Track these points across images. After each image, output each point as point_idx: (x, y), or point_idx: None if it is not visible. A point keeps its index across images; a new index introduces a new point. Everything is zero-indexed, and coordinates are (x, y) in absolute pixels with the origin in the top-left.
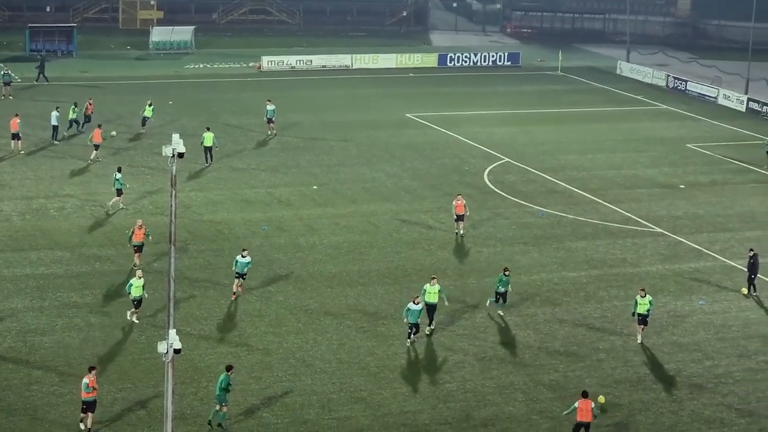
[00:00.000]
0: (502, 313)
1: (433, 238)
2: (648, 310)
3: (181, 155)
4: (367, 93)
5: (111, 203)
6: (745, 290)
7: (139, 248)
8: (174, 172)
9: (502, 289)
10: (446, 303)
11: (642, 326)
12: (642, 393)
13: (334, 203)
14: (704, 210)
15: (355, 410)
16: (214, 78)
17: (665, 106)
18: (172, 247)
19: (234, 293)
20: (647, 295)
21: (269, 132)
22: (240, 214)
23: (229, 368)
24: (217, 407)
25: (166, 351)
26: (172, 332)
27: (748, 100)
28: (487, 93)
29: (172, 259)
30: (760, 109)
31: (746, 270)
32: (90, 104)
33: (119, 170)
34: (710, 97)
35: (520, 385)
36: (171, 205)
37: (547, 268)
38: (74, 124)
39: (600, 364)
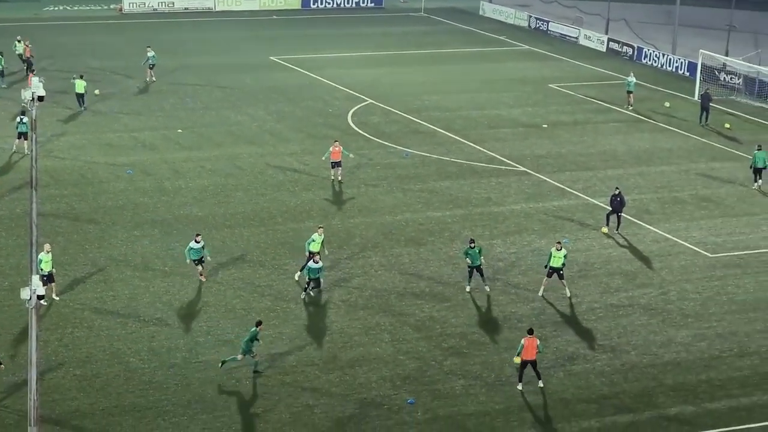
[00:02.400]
0: (488, 289)
1: (298, 180)
2: (563, 264)
3: (41, 99)
4: (231, 36)
5: (15, 146)
6: (605, 229)
7: None
8: (34, 117)
9: (470, 262)
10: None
11: (562, 281)
12: (507, 332)
13: (199, 147)
14: (567, 149)
15: (222, 353)
16: (75, 21)
17: (527, 47)
18: (34, 192)
19: (201, 278)
20: (563, 249)
21: (148, 78)
22: (103, 158)
23: (258, 323)
24: (239, 357)
25: (29, 297)
26: (35, 278)
27: (609, 40)
28: (350, 35)
29: (34, 204)
30: (619, 50)
31: (609, 207)
32: (27, 47)
33: (23, 113)
34: (571, 37)
35: (386, 326)
36: (32, 150)
37: (412, 207)
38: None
39: (465, 303)
